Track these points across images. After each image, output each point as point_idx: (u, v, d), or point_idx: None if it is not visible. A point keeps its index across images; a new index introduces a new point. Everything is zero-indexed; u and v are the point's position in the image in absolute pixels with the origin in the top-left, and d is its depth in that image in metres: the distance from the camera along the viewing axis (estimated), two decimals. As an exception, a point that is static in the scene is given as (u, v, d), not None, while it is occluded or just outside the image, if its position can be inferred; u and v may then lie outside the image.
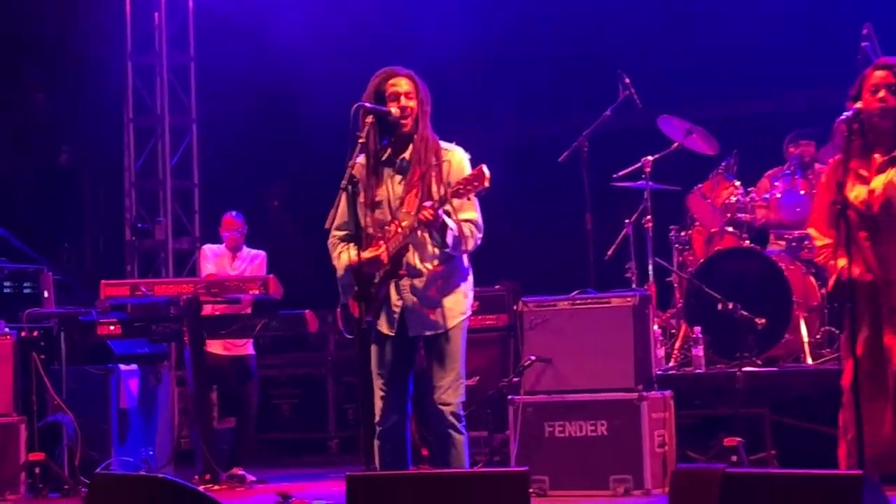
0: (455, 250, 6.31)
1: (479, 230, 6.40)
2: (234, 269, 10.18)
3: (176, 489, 5.24)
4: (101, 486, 5.53)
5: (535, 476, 8.27)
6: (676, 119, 10.04)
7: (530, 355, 8.77)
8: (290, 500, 8.00)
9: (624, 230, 9.97)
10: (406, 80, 6.39)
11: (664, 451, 8.46)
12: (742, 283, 9.19)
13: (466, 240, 6.33)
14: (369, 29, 12.05)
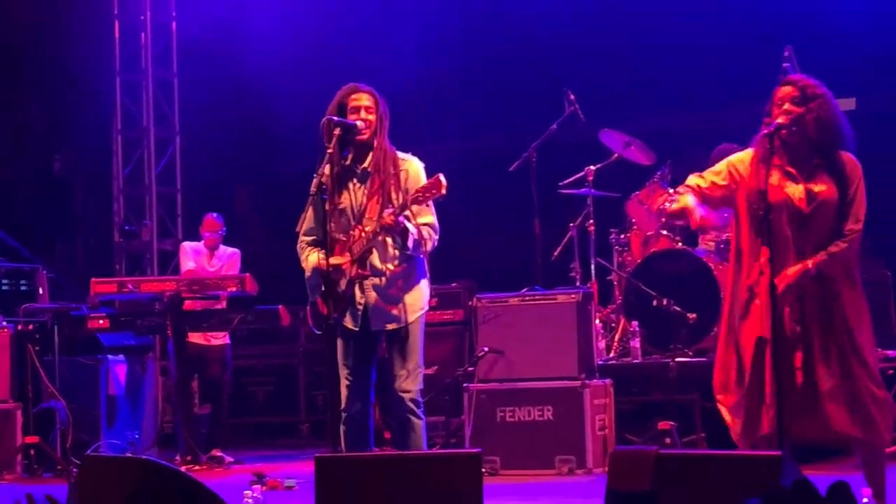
0: (415, 252, 6.34)
1: (436, 233, 6.42)
2: (213, 265, 10.16)
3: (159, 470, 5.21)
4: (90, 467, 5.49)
5: (488, 457, 8.29)
6: (616, 132, 10.07)
7: (484, 347, 8.79)
8: (265, 479, 7.97)
9: (569, 233, 9.99)
10: (367, 96, 6.41)
11: (604, 433, 8.50)
12: (675, 281, 9.22)
13: (425, 242, 6.35)
14: (332, 51, 12.04)
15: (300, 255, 6.54)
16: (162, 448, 10.24)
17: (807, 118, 5.51)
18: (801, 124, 5.51)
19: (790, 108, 5.52)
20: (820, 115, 5.51)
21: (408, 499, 4.99)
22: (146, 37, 12.96)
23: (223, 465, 9.70)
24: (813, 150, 5.55)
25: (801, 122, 5.51)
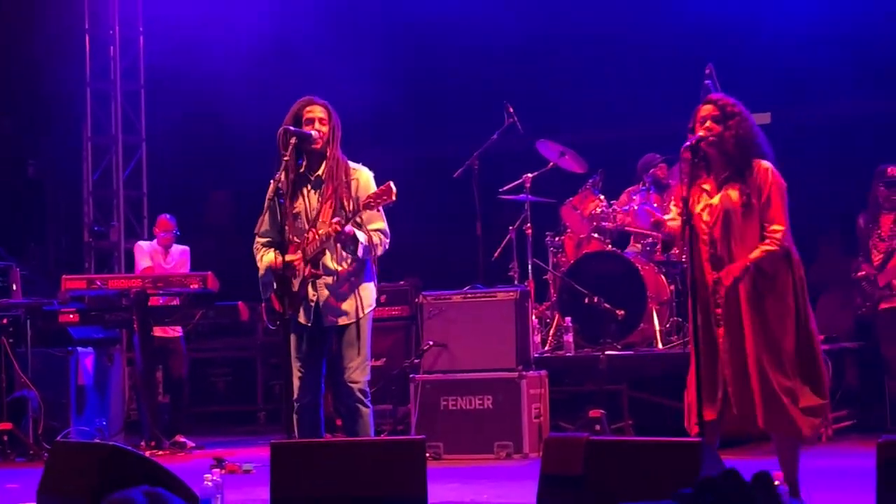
0: (365, 257, 6.34)
1: (387, 237, 6.44)
2: (167, 263, 10.15)
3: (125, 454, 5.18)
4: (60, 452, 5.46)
5: (432, 442, 8.29)
6: (552, 143, 10.09)
7: (428, 340, 8.80)
8: (224, 463, 7.93)
9: (508, 236, 9.99)
10: (321, 108, 6.41)
11: (540, 421, 8.52)
12: (605, 280, 9.26)
13: (376, 247, 6.37)
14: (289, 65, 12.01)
15: (256, 255, 6.53)
16: (128, 434, 10.18)
17: (725, 135, 5.56)
18: (720, 141, 5.56)
19: (711, 125, 5.57)
20: (738, 133, 5.56)
21: (357, 482, 4.99)
22: (115, 50, 12.87)
23: (185, 451, 9.64)
24: (727, 166, 5.60)
25: (720, 138, 5.56)
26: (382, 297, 10.24)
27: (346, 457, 5.11)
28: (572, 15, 11.53)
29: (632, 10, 11.23)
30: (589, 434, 4.83)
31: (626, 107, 11.52)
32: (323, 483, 5.01)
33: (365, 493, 4.97)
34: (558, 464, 4.62)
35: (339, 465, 5.04)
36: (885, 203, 9.15)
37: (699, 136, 5.56)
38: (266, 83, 11.56)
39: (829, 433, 9.07)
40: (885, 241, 9.16)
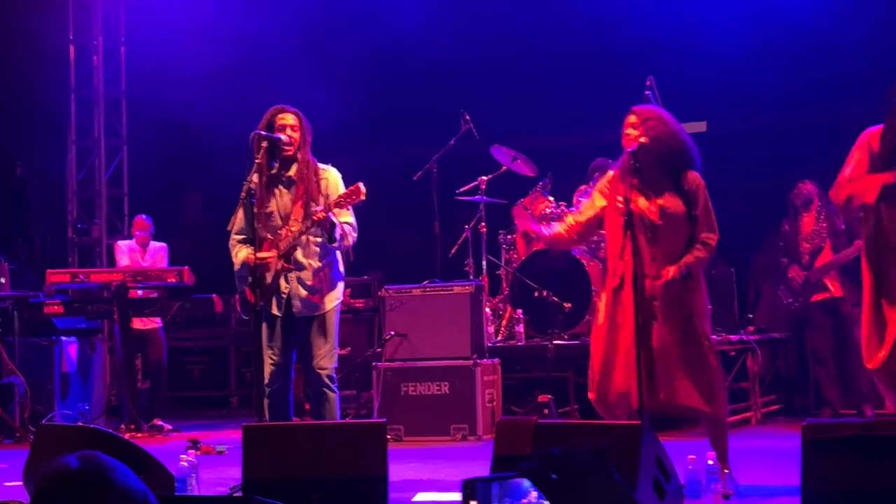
0: (340, 244, 6.36)
1: (355, 230, 6.47)
2: (146, 260, 10.10)
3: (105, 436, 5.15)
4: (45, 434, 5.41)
5: (393, 426, 8.29)
6: (505, 148, 10.10)
7: (390, 331, 8.80)
8: (199, 445, 7.89)
9: (464, 234, 10.00)
10: (292, 116, 6.43)
11: (493, 405, 8.54)
12: (554, 275, 9.26)
13: (346, 237, 6.38)
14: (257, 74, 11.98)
15: (231, 250, 6.52)
16: (108, 418, 10.12)
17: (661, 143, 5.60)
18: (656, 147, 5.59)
19: (630, 132, 5.62)
20: (655, 135, 5.59)
21: (322, 462, 4.97)
22: (98, 59, 12.81)
23: (163, 433, 9.59)
24: (663, 171, 5.63)
25: (650, 141, 5.59)
26: (348, 290, 10.24)
27: (312, 439, 5.09)
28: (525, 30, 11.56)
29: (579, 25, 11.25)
30: (537, 417, 4.83)
31: (574, 115, 11.55)
32: (291, 463, 4.99)
33: (330, 473, 4.96)
34: (509, 445, 4.62)
35: (307, 447, 5.03)
36: (802, 207, 9.26)
37: (639, 143, 5.58)
38: (236, 91, 11.51)
39: (759, 416, 9.15)
40: (809, 242, 9.24)
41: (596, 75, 11.54)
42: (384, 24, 11.50)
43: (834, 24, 10.49)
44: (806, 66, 11.02)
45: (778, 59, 10.85)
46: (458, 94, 11.06)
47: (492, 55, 11.77)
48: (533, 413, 8.05)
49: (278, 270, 6.35)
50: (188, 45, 12.10)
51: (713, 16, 10.95)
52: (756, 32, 10.70)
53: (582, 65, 11.65)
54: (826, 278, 9.18)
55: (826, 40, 10.68)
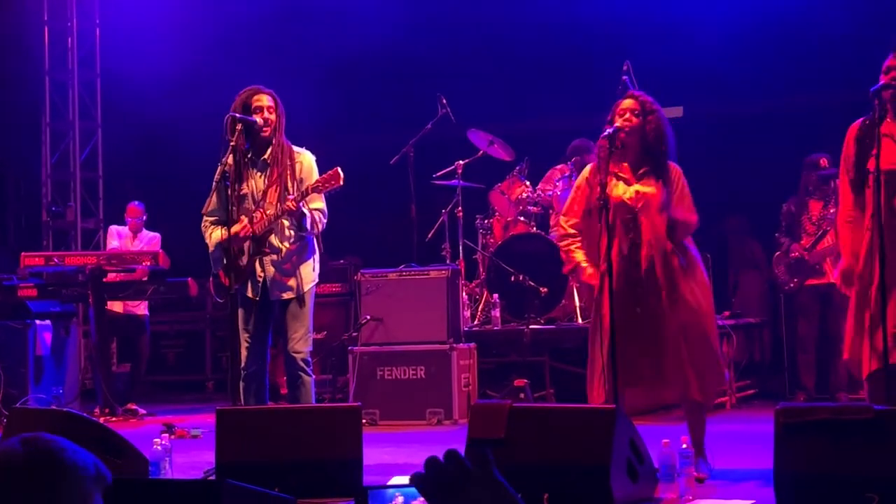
0: (311, 232, 6.34)
1: (325, 217, 6.46)
2: (135, 246, 10.06)
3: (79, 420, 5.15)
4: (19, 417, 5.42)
5: (369, 409, 8.30)
6: (482, 132, 10.10)
7: (366, 315, 8.80)
8: (174, 429, 7.91)
9: (441, 218, 9.99)
10: (268, 97, 6.39)
11: (468, 389, 8.55)
12: (530, 260, 9.28)
13: (316, 224, 6.37)
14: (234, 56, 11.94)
15: (204, 232, 6.50)
16: (83, 402, 10.08)
17: (645, 129, 5.61)
18: (639, 133, 5.60)
19: (630, 118, 5.62)
20: (656, 126, 5.61)
21: (297, 446, 4.98)
22: (72, 41, 12.74)
23: (137, 417, 9.58)
24: (643, 157, 5.64)
25: (639, 130, 5.60)
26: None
27: (287, 422, 5.11)
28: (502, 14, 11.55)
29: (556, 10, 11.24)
30: (512, 401, 4.86)
31: (551, 99, 11.57)
32: (265, 447, 5.00)
33: (305, 457, 4.98)
34: (483, 428, 4.66)
35: (281, 430, 5.04)
36: (815, 192, 9.24)
37: (617, 126, 5.60)
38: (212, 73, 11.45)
39: (734, 401, 9.20)
40: (814, 225, 9.25)
41: (573, 60, 11.55)
42: (362, 8, 11.47)
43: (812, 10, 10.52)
44: (782, 52, 11.06)
45: (754, 44, 10.88)
46: (435, 78, 11.05)
47: (469, 39, 11.76)
48: (509, 397, 8.07)
49: (252, 254, 6.34)
50: (163, 27, 12.05)
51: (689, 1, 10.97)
52: (732, 17, 10.71)
53: (559, 49, 11.66)
54: (825, 263, 9.21)
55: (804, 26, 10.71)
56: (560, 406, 5.22)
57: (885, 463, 4.00)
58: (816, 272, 9.20)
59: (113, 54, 12.65)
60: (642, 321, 5.50)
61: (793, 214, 9.35)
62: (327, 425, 5.08)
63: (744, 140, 11.38)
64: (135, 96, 12.08)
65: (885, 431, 4.02)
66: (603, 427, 4.40)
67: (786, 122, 11.25)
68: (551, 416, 4.69)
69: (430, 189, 10.17)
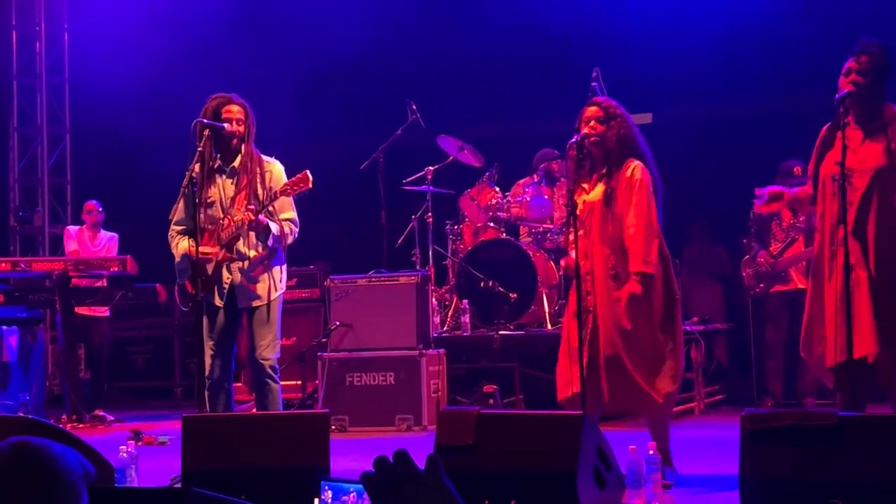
0: (276, 245, 6.32)
1: (296, 226, 6.44)
2: (95, 246, 10.00)
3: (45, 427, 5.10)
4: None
5: (338, 416, 8.28)
6: (452, 138, 10.10)
7: (335, 321, 8.78)
8: (141, 435, 7.86)
9: (410, 224, 10.00)
10: (238, 108, 6.39)
11: (438, 395, 8.54)
12: (500, 266, 9.28)
13: (286, 237, 6.37)
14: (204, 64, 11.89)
15: (171, 241, 6.47)
16: (50, 408, 10.01)
17: (608, 134, 5.64)
18: (602, 139, 5.64)
19: (595, 125, 5.65)
20: (619, 132, 5.64)
21: (264, 453, 4.95)
22: (41, 45, 12.69)
23: (105, 424, 9.51)
24: (605, 163, 5.68)
25: (603, 137, 5.64)
26: (293, 280, 10.21)
27: (254, 429, 5.08)
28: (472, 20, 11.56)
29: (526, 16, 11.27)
30: (480, 407, 4.85)
31: (521, 105, 11.60)
32: (232, 454, 4.97)
33: (272, 464, 4.95)
34: (451, 435, 4.64)
35: (248, 438, 5.01)
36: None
37: (584, 134, 5.63)
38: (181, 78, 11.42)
39: (702, 406, 9.24)
40: (783, 231, 9.29)
41: (542, 66, 11.57)
42: (333, 15, 11.46)
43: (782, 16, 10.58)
44: (752, 58, 11.13)
45: (724, 51, 10.93)
46: (405, 84, 11.05)
47: (439, 45, 11.77)
48: (478, 403, 8.06)
49: (219, 261, 6.31)
50: (133, 33, 12.00)
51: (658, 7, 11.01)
52: (701, 24, 10.77)
53: (529, 56, 11.68)
54: (792, 269, 9.25)
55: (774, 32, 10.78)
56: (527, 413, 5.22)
57: (849, 468, 4.03)
58: (783, 279, 9.25)
59: (82, 59, 12.60)
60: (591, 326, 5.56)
61: (763, 220, 9.40)
62: (295, 432, 5.04)
63: (713, 146, 11.43)
64: (104, 102, 12.04)
65: (848, 437, 4.04)
66: (570, 433, 4.39)
67: (754, 128, 11.31)
68: (519, 422, 4.69)
69: (400, 195, 10.17)
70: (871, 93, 5.48)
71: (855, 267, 5.39)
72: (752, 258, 9.39)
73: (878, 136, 5.50)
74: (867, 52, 5.48)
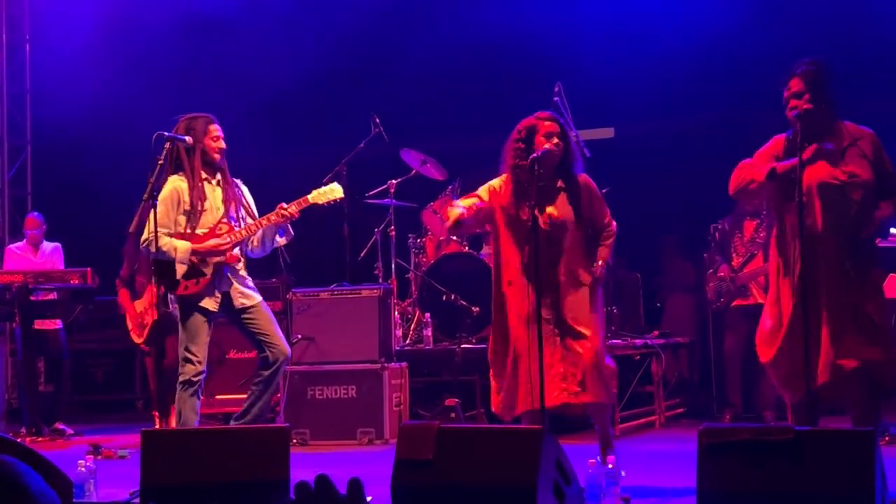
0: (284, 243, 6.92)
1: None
2: (38, 260, 9.94)
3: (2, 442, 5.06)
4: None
5: (299, 429, 8.27)
6: (414, 151, 10.13)
7: (298, 334, 8.76)
8: (101, 449, 7.82)
9: (373, 237, 10.01)
10: (219, 127, 6.69)
11: (400, 409, 8.55)
12: (462, 279, 9.31)
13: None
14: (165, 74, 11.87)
15: (159, 243, 6.42)
16: (9, 422, 9.94)
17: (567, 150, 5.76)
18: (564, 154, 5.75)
19: (559, 142, 5.75)
20: (572, 147, 5.76)
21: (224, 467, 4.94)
22: (1, 55, 12.58)
23: (65, 437, 9.44)
24: (557, 176, 5.77)
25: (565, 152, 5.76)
26: (255, 292, 10.18)
27: (214, 443, 5.06)
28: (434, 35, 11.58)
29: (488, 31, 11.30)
30: (441, 421, 4.85)
31: (483, 119, 11.59)
32: (192, 468, 4.95)
33: (231, 479, 4.93)
34: (411, 449, 4.64)
35: (208, 452, 4.99)
36: (751, 212, 9.35)
37: (550, 150, 5.70)
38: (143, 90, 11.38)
39: (663, 419, 9.28)
40: (745, 246, 9.35)
41: (506, 80, 11.61)
42: (295, 27, 11.46)
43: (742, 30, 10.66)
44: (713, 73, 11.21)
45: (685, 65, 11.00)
46: (368, 97, 11.05)
47: (402, 59, 11.79)
48: (440, 417, 8.07)
49: (226, 261, 6.58)
50: (94, 45, 11.94)
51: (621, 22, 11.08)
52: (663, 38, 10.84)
53: (492, 70, 11.72)
54: (752, 284, 9.31)
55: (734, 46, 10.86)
56: (487, 427, 5.22)
57: (805, 483, 4.07)
58: (743, 293, 9.32)
59: (43, 70, 12.52)
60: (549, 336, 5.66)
61: (726, 233, 9.47)
62: (255, 446, 5.03)
63: (675, 160, 11.49)
64: (65, 113, 11.95)
65: (805, 452, 4.08)
66: (529, 448, 4.40)
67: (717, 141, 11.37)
68: (479, 436, 4.69)
69: (363, 208, 10.17)
70: (817, 112, 5.58)
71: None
72: (714, 272, 9.46)
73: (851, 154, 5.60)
74: (796, 74, 5.61)
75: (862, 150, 5.61)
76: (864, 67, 10.20)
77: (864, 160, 5.60)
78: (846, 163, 5.62)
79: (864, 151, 5.61)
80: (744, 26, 10.56)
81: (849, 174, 5.59)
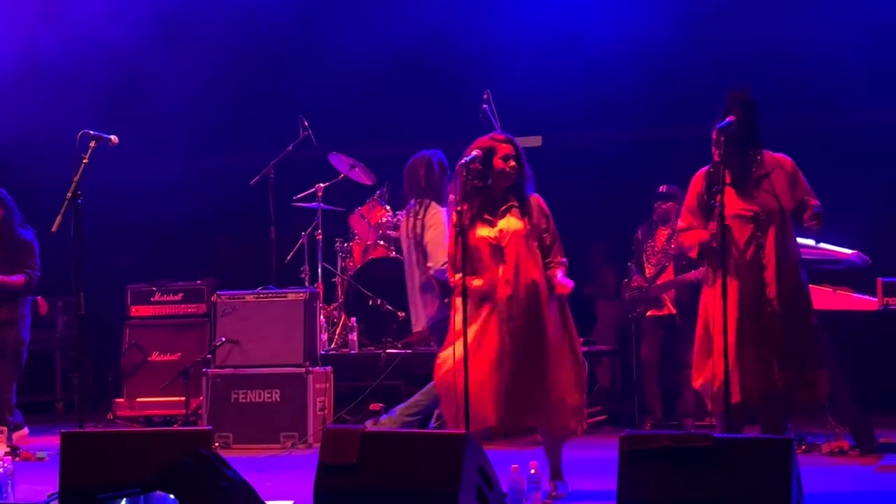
0: None
1: None
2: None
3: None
4: None
5: (222, 433, 8.22)
6: (343, 155, 10.11)
7: (221, 337, 8.70)
8: (19, 450, 7.70)
9: (300, 240, 9.97)
10: None
11: (324, 413, 8.53)
12: (389, 284, 9.28)
13: None
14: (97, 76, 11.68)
15: None
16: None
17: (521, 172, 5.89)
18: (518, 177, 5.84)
19: (513, 164, 5.83)
20: (523, 170, 5.89)
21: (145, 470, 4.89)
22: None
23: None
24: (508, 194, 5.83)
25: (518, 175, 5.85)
26: (179, 294, 10.10)
27: (134, 447, 5.02)
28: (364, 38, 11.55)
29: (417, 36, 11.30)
30: (363, 427, 4.85)
31: (412, 125, 11.61)
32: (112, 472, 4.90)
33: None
34: (335, 453, 4.64)
35: (128, 455, 4.94)
36: (659, 219, 9.45)
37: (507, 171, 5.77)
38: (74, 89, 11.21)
39: (585, 427, 9.32)
40: (657, 255, 9.44)
41: (435, 86, 11.62)
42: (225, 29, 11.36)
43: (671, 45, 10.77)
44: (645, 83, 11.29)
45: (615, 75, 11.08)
46: (296, 100, 11.00)
47: (330, 62, 11.74)
48: (364, 421, 8.06)
49: None
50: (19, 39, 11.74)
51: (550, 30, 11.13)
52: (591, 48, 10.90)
53: (421, 75, 11.73)
54: (664, 294, 9.42)
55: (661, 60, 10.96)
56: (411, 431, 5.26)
57: (724, 489, 4.13)
58: (657, 304, 9.42)
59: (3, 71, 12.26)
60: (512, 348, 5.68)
61: (639, 242, 9.58)
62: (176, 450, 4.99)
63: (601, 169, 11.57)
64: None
65: (723, 458, 4.15)
66: (452, 453, 4.43)
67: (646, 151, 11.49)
68: (402, 441, 4.71)
69: (291, 211, 10.13)
70: (742, 136, 5.78)
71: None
72: (629, 282, 9.57)
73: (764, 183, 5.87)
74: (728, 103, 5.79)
75: (773, 183, 5.84)
76: (793, 85, 10.38)
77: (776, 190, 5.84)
78: (759, 194, 5.88)
79: (778, 181, 5.86)
80: (672, 40, 10.67)
81: (760, 205, 5.84)
